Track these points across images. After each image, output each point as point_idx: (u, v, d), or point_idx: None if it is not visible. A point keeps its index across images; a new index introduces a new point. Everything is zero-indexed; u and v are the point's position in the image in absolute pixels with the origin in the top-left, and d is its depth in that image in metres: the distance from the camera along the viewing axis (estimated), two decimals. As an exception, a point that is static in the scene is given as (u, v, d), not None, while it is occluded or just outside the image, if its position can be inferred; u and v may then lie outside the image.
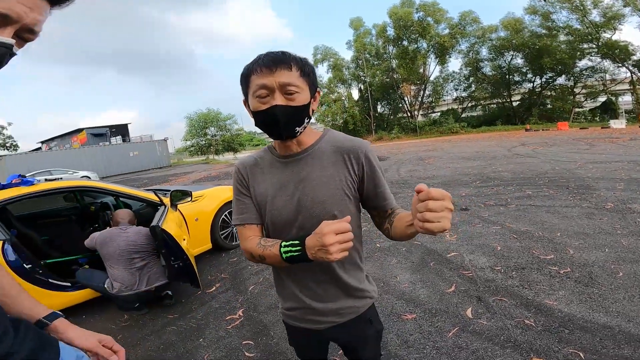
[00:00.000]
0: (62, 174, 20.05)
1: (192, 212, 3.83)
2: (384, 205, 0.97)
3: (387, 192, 0.98)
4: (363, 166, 0.95)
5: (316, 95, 0.94)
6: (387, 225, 0.94)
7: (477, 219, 4.42)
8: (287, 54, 0.87)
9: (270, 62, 0.84)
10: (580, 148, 11.53)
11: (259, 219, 1.00)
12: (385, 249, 3.70)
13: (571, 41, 30.87)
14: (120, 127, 38.38)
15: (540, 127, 28.43)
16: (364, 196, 0.98)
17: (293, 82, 0.85)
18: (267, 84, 0.84)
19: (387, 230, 0.94)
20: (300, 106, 0.87)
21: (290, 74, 0.85)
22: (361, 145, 0.96)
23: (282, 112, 0.85)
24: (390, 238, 0.95)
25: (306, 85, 0.88)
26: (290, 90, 0.85)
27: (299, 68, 0.87)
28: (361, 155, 0.95)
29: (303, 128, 0.92)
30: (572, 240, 3.44)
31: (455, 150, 14.87)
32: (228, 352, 2.22)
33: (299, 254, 0.81)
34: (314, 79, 0.92)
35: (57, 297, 2.73)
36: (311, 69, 0.90)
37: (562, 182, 6.11)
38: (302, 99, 0.87)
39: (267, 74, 0.84)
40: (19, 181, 3.03)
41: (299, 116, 0.88)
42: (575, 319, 2.15)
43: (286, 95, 0.85)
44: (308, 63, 0.90)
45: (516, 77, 36.49)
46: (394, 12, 35.44)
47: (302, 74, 0.87)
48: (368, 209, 1.02)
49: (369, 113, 38.31)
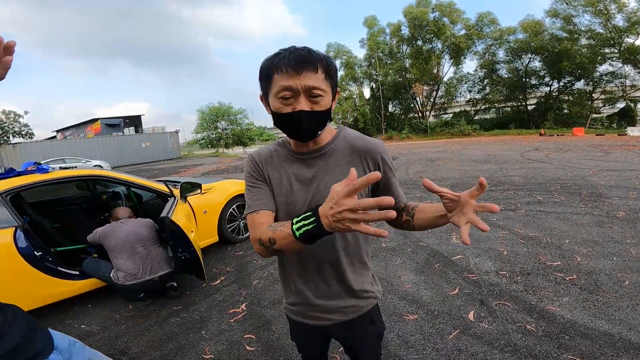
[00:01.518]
0: (75, 162, 20.49)
1: (201, 205, 3.88)
2: (398, 202, 0.98)
3: (398, 190, 1.00)
4: (379, 165, 0.95)
5: (336, 95, 0.93)
6: (406, 217, 0.95)
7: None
8: (313, 53, 0.83)
9: (296, 63, 0.80)
10: (595, 155, 11.29)
11: (274, 206, 0.96)
12: (390, 249, 3.70)
13: (592, 45, 30.13)
14: (133, 118, 38.89)
15: (555, 132, 27.92)
16: (378, 194, 0.98)
17: (319, 85, 0.82)
18: (292, 86, 0.81)
19: (406, 222, 0.95)
20: (324, 110, 0.86)
21: (317, 76, 0.82)
22: (377, 146, 0.96)
23: (307, 118, 0.84)
24: (410, 228, 0.96)
25: (329, 87, 0.87)
26: (316, 94, 0.83)
27: (325, 70, 0.84)
28: (377, 155, 0.95)
29: (323, 130, 0.91)
30: (580, 247, 3.39)
31: (466, 153, 14.70)
32: (229, 345, 2.25)
33: (314, 225, 0.70)
34: (336, 79, 0.90)
35: (65, 285, 2.79)
36: (335, 70, 0.89)
37: (574, 189, 6.00)
38: (326, 102, 0.86)
39: (292, 75, 0.80)
40: (34, 168, 3.10)
41: (323, 120, 0.88)
42: (576, 326, 2.15)
43: (311, 99, 0.83)
44: (333, 63, 0.87)
45: (533, 80, 35.82)
46: (410, 11, 35.10)
47: (327, 75, 0.84)
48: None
49: (379, 112, 38.10)
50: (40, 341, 0.76)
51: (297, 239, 0.74)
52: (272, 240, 0.83)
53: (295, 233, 0.74)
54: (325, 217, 0.68)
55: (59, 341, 0.81)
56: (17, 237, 2.56)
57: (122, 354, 2.25)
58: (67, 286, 2.80)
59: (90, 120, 37.92)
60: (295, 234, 0.74)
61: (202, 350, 2.21)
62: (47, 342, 0.78)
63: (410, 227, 0.95)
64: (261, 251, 0.88)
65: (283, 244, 0.80)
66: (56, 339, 0.81)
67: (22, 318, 0.78)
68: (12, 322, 0.74)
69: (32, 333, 0.76)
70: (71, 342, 0.86)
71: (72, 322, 2.74)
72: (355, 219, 0.63)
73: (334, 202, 0.65)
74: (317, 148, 0.95)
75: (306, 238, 0.74)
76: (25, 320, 0.78)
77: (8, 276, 2.53)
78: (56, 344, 0.79)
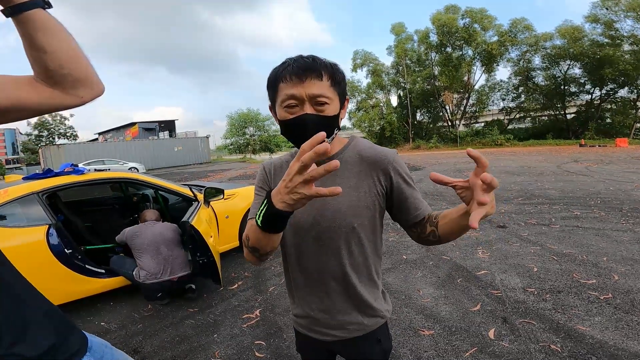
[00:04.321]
0: (113, 164, 21.66)
1: (223, 210, 3.95)
2: (418, 215, 0.90)
3: (418, 201, 0.91)
4: (391, 177, 0.90)
5: (345, 103, 0.91)
6: (431, 228, 0.86)
7: (515, 238, 4.16)
8: (317, 61, 0.82)
9: (300, 71, 0.80)
10: (639, 168, 10.51)
11: None
12: (411, 262, 3.59)
13: (636, 51, 28.27)
14: (168, 122, 40.74)
15: (597, 142, 26.25)
16: (393, 208, 0.93)
17: (324, 93, 0.81)
18: (296, 94, 0.81)
19: (432, 233, 0.86)
20: (330, 116, 0.84)
21: (321, 84, 0.81)
22: (388, 155, 0.91)
23: (311, 121, 0.82)
24: (437, 241, 0.86)
25: (336, 95, 0.85)
26: (321, 101, 0.82)
27: (330, 77, 0.83)
28: (389, 166, 0.90)
29: (331, 139, 0.88)
30: (618, 265, 3.15)
31: (498, 164, 14.11)
32: (239, 350, 2.25)
33: (266, 206, 0.67)
34: (344, 87, 0.88)
35: (91, 282, 2.91)
36: (342, 77, 0.87)
37: (616, 204, 5.59)
38: (332, 109, 0.84)
39: (296, 83, 0.80)
40: (71, 170, 3.29)
41: (329, 126, 0.85)
42: (606, 346, 2.00)
43: (316, 107, 0.82)
44: (339, 70, 0.86)
45: (572, 88, 33.96)
46: (437, 18, 34.46)
47: (332, 83, 0.83)
48: (402, 223, 0.95)
49: (407, 120, 37.48)
50: (75, 342, 0.77)
51: (260, 228, 0.71)
52: (247, 237, 0.82)
53: (258, 222, 0.71)
54: (278, 193, 0.65)
55: (92, 343, 0.82)
56: (49, 235, 2.71)
57: (135, 352, 2.31)
58: (93, 284, 2.92)
59: (129, 124, 40.10)
60: (258, 223, 0.71)
61: (213, 353, 2.23)
62: (82, 343, 0.78)
63: (437, 238, 0.85)
64: (247, 255, 0.87)
65: (254, 238, 0.77)
66: (89, 341, 0.81)
67: (60, 318, 0.78)
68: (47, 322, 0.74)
69: (67, 333, 0.76)
70: (102, 343, 0.86)
71: (92, 319, 2.85)
72: (305, 180, 0.60)
73: (285, 175, 0.63)
74: (326, 158, 0.92)
75: (267, 223, 0.69)
76: (63, 321, 0.78)
77: (38, 271, 2.67)
78: (89, 346, 0.80)
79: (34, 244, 2.66)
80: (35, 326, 0.71)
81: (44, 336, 0.71)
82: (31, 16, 0.63)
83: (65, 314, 0.81)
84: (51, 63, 0.65)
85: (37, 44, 0.64)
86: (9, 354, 0.65)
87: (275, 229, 0.71)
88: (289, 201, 0.63)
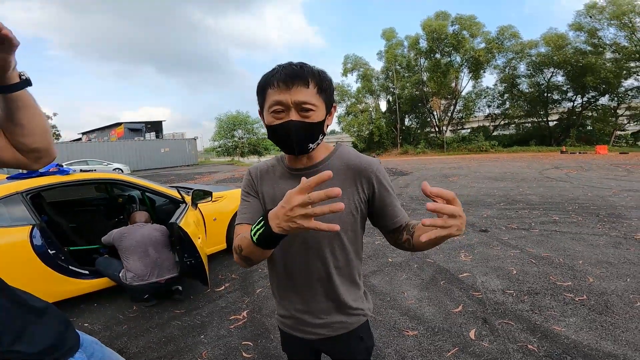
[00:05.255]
0: (97, 164, 21.21)
1: (211, 212, 3.95)
2: (396, 222, 0.95)
3: (397, 209, 0.96)
4: (373, 185, 0.94)
5: (332, 110, 0.93)
6: (407, 236, 0.90)
7: (496, 242, 4.29)
8: (305, 68, 0.85)
9: (287, 78, 0.82)
10: (617, 174, 10.89)
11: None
12: (396, 264, 3.67)
13: (617, 59, 29.33)
14: (155, 123, 40.13)
15: (577, 149, 27.11)
16: (374, 215, 0.97)
17: (309, 100, 0.84)
18: (282, 100, 0.83)
19: (407, 241, 0.90)
20: (314, 123, 0.86)
21: (307, 91, 0.84)
22: (371, 165, 0.95)
23: (295, 128, 0.84)
24: (411, 249, 0.91)
25: (322, 103, 0.87)
26: (306, 108, 0.84)
27: (316, 84, 0.85)
28: (371, 174, 0.93)
29: (316, 145, 0.91)
30: (593, 268, 3.29)
31: (482, 170, 14.43)
32: (226, 350, 2.26)
33: (263, 228, 0.72)
34: (331, 94, 0.91)
35: (75, 284, 2.87)
36: (328, 85, 0.89)
37: (593, 209, 5.81)
38: (317, 116, 0.86)
39: (283, 90, 0.83)
40: (55, 170, 3.25)
41: (313, 133, 0.88)
42: (580, 346, 2.09)
43: (301, 113, 0.85)
44: (326, 78, 0.89)
45: (555, 95, 35.00)
46: (428, 24, 35.11)
47: (319, 90, 0.86)
48: (381, 228, 0.99)
49: (395, 125, 37.93)
50: (70, 339, 0.79)
51: (255, 244, 0.76)
52: (240, 247, 0.86)
53: (253, 238, 0.75)
54: (275, 217, 0.69)
55: (83, 340, 0.84)
56: (33, 235, 2.68)
57: (120, 353, 2.27)
58: (76, 285, 2.89)
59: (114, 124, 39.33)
60: (252, 239, 0.76)
61: (200, 354, 2.24)
62: (76, 340, 0.81)
63: (411, 247, 0.90)
64: (237, 259, 0.91)
65: (248, 250, 0.82)
66: (81, 338, 0.83)
67: (57, 316, 0.80)
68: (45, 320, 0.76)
69: (64, 330, 0.79)
70: (92, 340, 0.88)
71: (76, 319, 2.81)
72: (306, 214, 0.64)
73: (285, 201, 0.67)
74: (312, 164, 0.95)
75: (262, 242, 0.74)
76: (60, 319, 0.80)
77: (21, 272, 2.63)
78: (81, 342, 0.82)
79: (17, 244, 2.62)
80: (34, 325, 0.73)
81: (43, 334, 0.73)
82: (17, 95, 0.69)
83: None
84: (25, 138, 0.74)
85: (16, 120, 0.71)
86: (9, 352, 0.67)
87: (269, 247, 0.76)
88: (286, 227, 0.68)
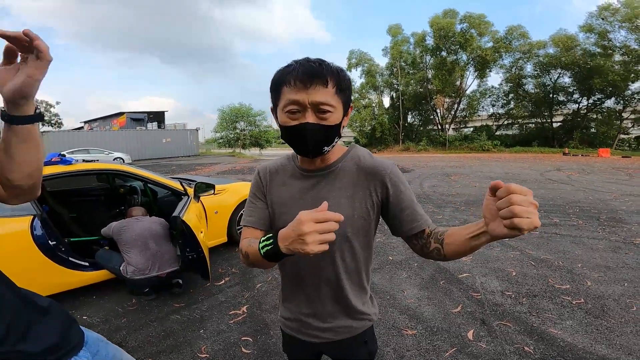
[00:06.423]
0: (98, 153, 21.20)
1: (213, 205, 3.95)
2: (415, 227, 0.88)
3: (417, 213, 0.89)
4: (387, 188, 0.89)
5: (349, 110, 0.89)
6: (436, 245, 0.83)
7: (497, 243, 4.29)
8: (324, 66, 0.80)
9: (305, 76, 0.78)
10: (619, 178, 10.87)
11: (264, 225, 0.97)
12: (396, 263, 3.68)
13: (626, 62, 29.02)
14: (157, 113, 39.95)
15: (580, 152, 26.97)
16: (391, 220, 0.92)
17: (328, 101, 0.80)
18: (299, 100, 0.79)
19: (436, 250, 0.83)
20: (332, 126, 0.83)
21: (326, 91, 0.79)
22: (386, 167, 0.91)
23: (312, 131, 0.80)
24: (442, 258, 0.84)
25: (340, 103, 0.83)
26: (324, 109, 0.80)
27: (335, 84, 0.80)
28: (385, 177, 0.89)
29: (331, 147, 0.87)
30: (592, 272, 3.31)
31: (484, 169, 14.41)
32: (226, 345, 2.28)
33: (272, 247, 0.72)
34: (349, 94, 0.86)
35: (74, 275, 2.87)
36: (347, 84, 0.84)
37: (594, 213, 5.81)
38: (334, 118, 0.82)
39: (300, 89, 0.78)
40: (58, 160, 3.24)
41: (330, 136, 0.84)
42: (575, 349, 2.12)
43: (319, 114, 0.80)
44: (345, 77, 0.84)
45: (560, 96, 34.70)
46: (436, 21, 34.72)
47: (337, 90, 0.81)
48: (401, 235, 0.93)
49: (398, 122, 37.78)
50: (74, 337, 0.78)
51: (263, 257, 0.76)
52: (247, 254, 0.86)
53: (261, 251, 0.76)
54: (285, 239, 0.69)
55: (87, 337, 0.83)
56: (33, 226, 2.67)
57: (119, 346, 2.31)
58: (76, 277, 2.89)
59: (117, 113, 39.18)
60: (260, 252, 0.76)
61: (199, 348, 2.25)
62: (79, 338, 0.80)
63: (442, 256, 0.83)
64: (243, 261, 0.91)
65: (255, 259, 0.82)
66: (85, 335, 0.82)
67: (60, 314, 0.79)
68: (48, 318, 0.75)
69: (68, 328, 0.78)
70: (98, 337, 0.87)
71: (75, 312, 2.81)
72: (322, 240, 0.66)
73: (296, 225, 0.67)
74: (324, 166, 0.92)
75: (269, 257, 0.75)
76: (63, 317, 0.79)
77: (21, 263, 2.63)
78: (85, 340, 0.81)
79: (17, 234, 2.62)
80: (38, 324, 0.73)
81: (46, 333, 0.73)
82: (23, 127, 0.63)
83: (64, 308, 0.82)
84: (12, 174, 0.67)
85: (11, 153, 0.65)
86: (14, 351, 0.67)
87: (277, 261, 0.77)
88: (295, 250, 0.68)
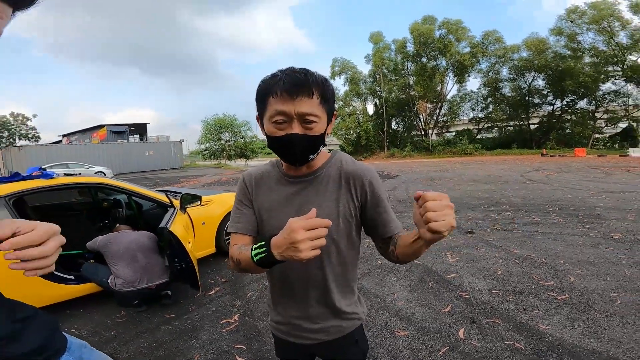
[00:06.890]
0: (78, 167, 20.65)
1: (200, 216, 3.92)
2: (387, 231, 0.93)
3: (390, 218, 0.94)
4: (366, 193, 0.93)
5: (332, 119, 0.92)
6: (392, 247, 0.90)
7: (482, 243, 4.40)
8: (309, 76, 0.82)
9: (291, 87, 0.80)
10: (595, 176, 11.32)
11: (252, 231, 0.99)
12: (385, 266, 3.72)
13: (596, 63, 30.36)
14: (139, 126, 39.29)
15: (557, 152, 28.00)
16: (366, 222, 0.97)
17: (313, 111, 0.82)
18: (286, 111, 0.81)
19: (392, 252, 0.90)
20: (317, 135, 0.86)
21: (312, 102, 0.82)
22: (366, 172, 0.94)
23: (299, 142, 0.83)
24: (396, 260, 0.91)
25: (324, 113, 0.86)
26: (309, 120, 0.83)
27: (320, 94, 0.83)
28: (365, 181, 0.93)
29: (316, 154, 0.91)
30: (574, 268, 3.42)
31: (467, 172, 14.75)
32: (219, 354, 2.26)
33: (265, 254, 0.75)
34: (333, 103, 0.89)
35: (60, 289, 2.81)
36: (331, 94, 0.88)
37: (573, 211, 6.02)
38: (320, 127, 0.86)
39: (287, 100, 0.80)
40: (39, 174, 3.17)
41: (315, 145, 0.88)
42: (565, 344, 2.17)
43: (304, 125, 0.83)
44: (329, 87, 0.87)
45: (536, 99, 36.05)
46: (416, 28, 35.65)
47: (322, 100, 0.84)
48: (373, 237, 0.99)
49: (382, 129, 38.32)
50: (57, 340, 0.78)
51: (256, 264, 0.78)
52: (238, 260, 0.88)
53: (254, 259, 0.78)
54: (278, 247, 0.72)
55: (71, 343, 0.82)
56: None
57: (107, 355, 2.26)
58: (62, 290, 2.83)
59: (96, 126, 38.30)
60: (253, 259, 0.78)
61: (192, 358, 2.23)
62: (62, 343, 0.79)
63: (396, 258, 0.90)
64: (233, 268, 0.92)
65: (247, 265, 0.84)
66: (69, 341, 0.82)
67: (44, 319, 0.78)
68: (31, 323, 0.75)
69: (52, 332, 0.77)
70: (81, 344, 0.87)
71: (62, 325, 2.69)
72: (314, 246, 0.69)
73: (287, 232, 0.70)
74: (310, 172, 0.95)
75: (262, 264, 0.77)
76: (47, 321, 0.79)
77: (4, 277, 2.56)
78: (68, 345, 0.81)
79: (-1, 251, 2.55)
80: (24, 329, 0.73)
81: (33, 336, 0.73)
82: None
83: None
84: None
85: None
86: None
87: (270, 267, 0.80)
88: (287, 257, 0.71)
